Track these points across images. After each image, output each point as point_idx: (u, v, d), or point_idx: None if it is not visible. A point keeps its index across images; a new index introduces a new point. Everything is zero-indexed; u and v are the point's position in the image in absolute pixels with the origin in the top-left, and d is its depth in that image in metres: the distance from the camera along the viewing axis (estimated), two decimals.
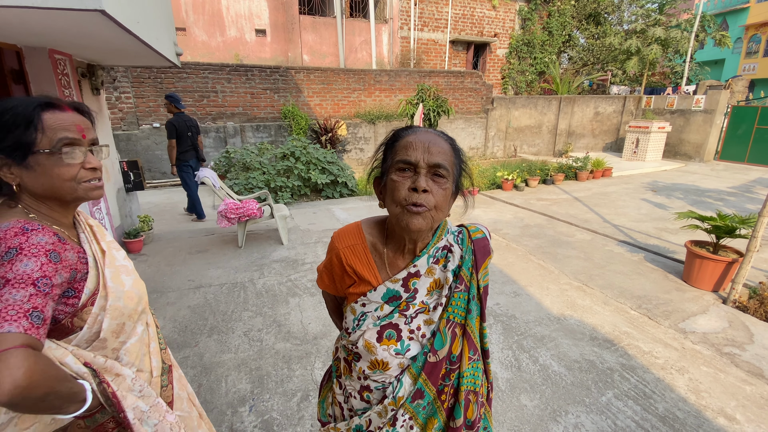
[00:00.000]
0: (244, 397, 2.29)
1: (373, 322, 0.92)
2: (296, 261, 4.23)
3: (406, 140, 0.87)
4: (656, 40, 13.38)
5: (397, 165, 0.85)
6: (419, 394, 0.92)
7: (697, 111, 11.49)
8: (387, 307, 0.92)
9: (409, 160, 0.83)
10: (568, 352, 2.73)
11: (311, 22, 11.95)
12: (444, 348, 0.92)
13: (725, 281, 3.59)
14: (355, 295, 0.95)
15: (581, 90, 15.75)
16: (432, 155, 0.83)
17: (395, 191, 0.84)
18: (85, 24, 2.33)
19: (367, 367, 0.94)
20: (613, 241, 4.98)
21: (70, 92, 3.52)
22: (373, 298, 0.93)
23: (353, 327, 0.94)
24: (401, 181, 0.84)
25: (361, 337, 0.92)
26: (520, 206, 6.66)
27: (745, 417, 2.18)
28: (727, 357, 2.71)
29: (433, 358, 0.91)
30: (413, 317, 0.93)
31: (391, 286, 0.92)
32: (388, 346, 0.91)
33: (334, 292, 1.04)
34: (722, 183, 8.74)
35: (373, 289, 0.93)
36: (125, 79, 7.50)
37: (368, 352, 0.92)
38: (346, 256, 0.95)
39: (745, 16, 22.19)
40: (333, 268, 0.98)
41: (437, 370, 0.92)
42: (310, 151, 7.10)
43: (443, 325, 0.92)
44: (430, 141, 0.85)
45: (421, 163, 0.83)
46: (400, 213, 0.84)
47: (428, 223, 0.84)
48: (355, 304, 0.94)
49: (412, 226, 0.83)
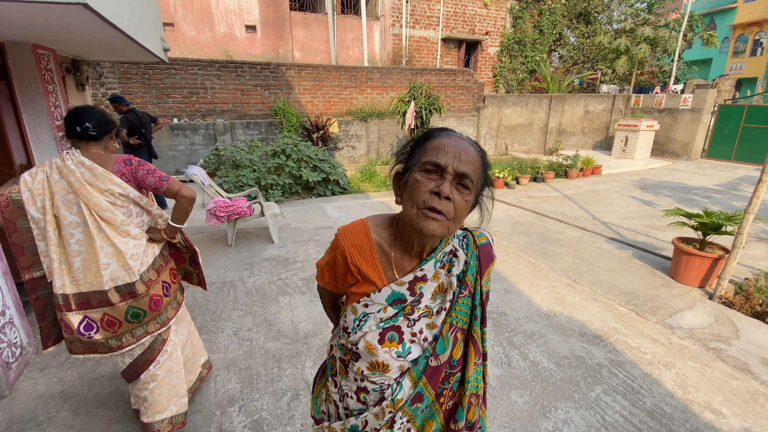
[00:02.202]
0: (234, 397, 2.27)
1: (376, 323, 0.90)
2: (287, 259, 4.20)
3: (438, 141, 0.84)
4: (645, 39, 13.53)
5: (425, 165, 0.82)
6: (419, 398, 0.91)
7: (684, 110, 11.65)
8: (391, 310, 0.90)
9: (438, 162, 0.80)
10: (558, 348, 2.75)
11: (302, 19, 11.86)
12: (446, 352, 0.91)
13: (711, 277, 3.65)
14: (357, 295, 0.92)
15: (571, 88, 15.88)
16: (462, 163, 0.81)
17: (415, 191, 0.81)
18: (68, 18, 2.28)
19: (366, 368, 0.92)
20: (602, 238, 5.03)
21: (54, 88, 3.44)
22: (377, 299, 0.91)
23: (353, 327, 0.92)
24: (424, 182, 0.81)
25: (362, 338, 0.91)
26: (511, 204, 6.69)
27: (731, 411, 2.22)
28: (713, 352, 2.75)
29: (435, 362, 0.90)
30: (416, 320, 0.91)
31: (397, 288, 0.90)
32: (390, 348, 0.90)
33: (334, 289, 1.01)
34: (709, 181, 8.88)
35: (377, 290, 0.90)
36: (112, 74, 7.37)
37: (369, 354, 0.90)
38: (351, 255, 0.92)
39: (732, 16, 22.56)
40: (336, 265, 0.95)
41: (438, 373, 0.91)
42: (302, 148, 7.05)
43: (446, 330, 0.91)
44: (462, 148, 0.82)
45: (449, 169, 0.80)
46: (415, 214, 0.81)
47: (444, 231, 0.82)
48: (357, 304, 0.92)
49: (425, 230, 0.80)
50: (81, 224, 1.66)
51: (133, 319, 1.75)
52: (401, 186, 0.89)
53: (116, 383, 2.36)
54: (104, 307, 1.70)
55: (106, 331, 1.73)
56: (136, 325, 1.77)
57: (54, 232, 1.65)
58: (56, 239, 1.66)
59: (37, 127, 3.30)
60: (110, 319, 1.72)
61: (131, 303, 1.73)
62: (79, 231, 1.67)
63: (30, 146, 3.29)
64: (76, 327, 1.69)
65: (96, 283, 1.68)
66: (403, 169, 0.90)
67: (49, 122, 3.32)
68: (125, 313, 1.72)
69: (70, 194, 1.64)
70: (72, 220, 1.66)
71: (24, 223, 1.66)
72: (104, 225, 1.67)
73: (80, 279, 1.68)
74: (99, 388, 2.33)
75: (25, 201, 1.62)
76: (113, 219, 1.68)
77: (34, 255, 1.69)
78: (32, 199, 1.63)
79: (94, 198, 1.64)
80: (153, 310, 1.80)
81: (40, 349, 2.66)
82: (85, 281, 1.68)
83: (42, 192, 1.63)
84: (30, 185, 1.63)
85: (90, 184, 1.64)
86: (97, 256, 1.66)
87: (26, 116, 3.23)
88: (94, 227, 1.66)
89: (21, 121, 3.21)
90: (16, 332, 2.45)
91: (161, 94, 7.93)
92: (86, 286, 1.68)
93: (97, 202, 1.65)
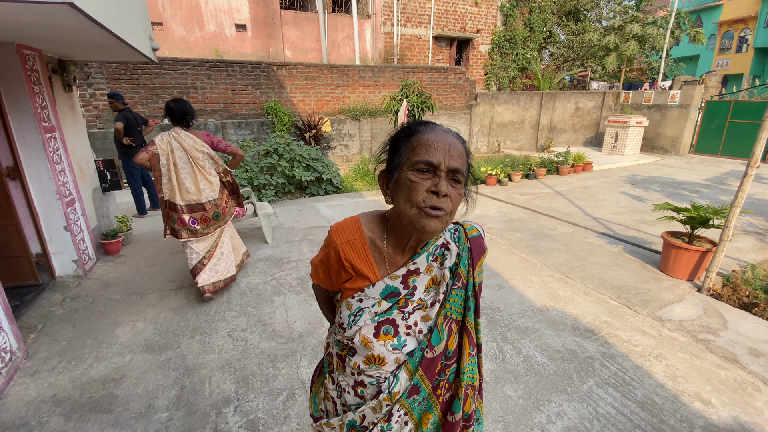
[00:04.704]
0: (229, 397, 2.26)
1: (371, 317, 0.91)
2: (281, 259, 4.19)
3: (424, 138, 0.83)
4: (633, 36, 13.67)
5: (417, 165, 0.82)
6: (415, 390, 0.92)
7: (672, 106, 11.80)
8: (385, 303, 0.91)
9: (431, 161, 0.81)
10: (551, 342, 2.78)
11: (293, 17, 11.80)
12: (441, 344, 0.92)
13: (700, 270, 3.71)
14: (351, 291, 0.93)
15: (562, 86, 16.00)
16: (453, 159, 0.82)
17: (413, 191, 0.82)
18: (54, 18, 2.25)
19: (363, 362, 0.93)
20: (593, 233, 5.08)
21: (40, 89, 3.39)
22: (371, 294, 0.91)
23: (349, 322, 0.92)
24: (420, 182, 0.81)
25: (357, 333, 0.91)
26: (503, 201, 6.73)
27: (720, 401, 2.26)
28: (702, 343, 2.80)
29: (430, 353, 0.91)
30: (410, 313, 0.92)
31: (390, 282, 0.91)
32: (385, 342, 0.91)
33: (329, 286, 1.02)
34: (697, 175, 9.01)
35: (371, 285, 0.91)
36: (100, 75, 7.27)
37: (365, 348, 0.91)
38: (344, 251, 0.93)
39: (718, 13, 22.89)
40: (330, 262, 0.96)
41: (434, 365, 0.92)
42: (294, 147, 7.02)
43: (440, 322, 0.92)
44: (450, 144, 0.83)
45: (442, 166, 0.81)
46: (416, 214, 0.82)
47: (443, 226, 0.83)
48: (352, 299, 0.93)
49: (429, 228, 0.81)
50: (187, 167, 3.10)
51: (215, 218, 3.27)
52: (391, 185, 0.89)
53: (109, 387, 2.35)
54: (201, 212, 3.19)
55: (202, 224, 3.21)
56: (215, 222, 3.28)
57: (173, 171, 3.05)
58: (175, 175, 3.06)
59: (23, 129, 3.25)
60: (204, 216, 3.21)
61: (214, 209, 3.25)
62: (186, 171, 3.09)
63: (16, 148, 3.24)
64: (188, 221, 3.15)
65: (197, 198, 3.15)
66: (389, 168, 0.90)
67: (36, 123, 3.27)
68: (212, 214, 3.24)
69: (180, 151, 3.06)
70: (183, 165, 3.08)
71: (158, 166, 3.03)
72: (198, 168, 3.13)
73: (187, 197, 3.12)
74: (91, 391, 2.31)
75: (160, 153, 3.01)
76: (203, 165, 3.15)
77: (163, 183, 3.08)
78: (161, 152, 3.01)
79: (194, 153, 3.10)
80: (224, 214, 3.34)
81: (31, 353, 2.64)
82: (190, 198, 3.13)
83: (166, 149, 3.02)
84: (160, 145, 3.00)
85: (193, 146, 3.09)
86: (198, 183, 3.13)
87: (12, 118, 3.18)
88: (195, 169, 3.11)
89: (7, 122, 3.16)
90: (5, 337, 2.41)
91: (151, 95, 7.85)
92: (192, 199, 3.14)
93: (196, 156, 3.11)
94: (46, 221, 3.49)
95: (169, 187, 3.07)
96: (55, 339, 2.81)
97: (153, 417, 2.13)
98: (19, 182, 3.36)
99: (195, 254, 3.25)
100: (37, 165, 3.35)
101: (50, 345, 2.74)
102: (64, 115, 3.90)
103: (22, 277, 3.50)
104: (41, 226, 3.49)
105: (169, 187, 3.07)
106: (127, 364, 2.55)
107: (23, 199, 3.41)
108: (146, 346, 2.74)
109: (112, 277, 3.78)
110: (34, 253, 3.55)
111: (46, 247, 3.55)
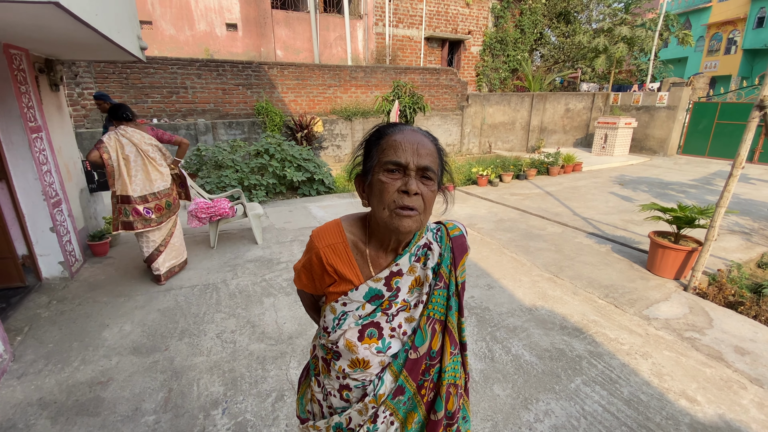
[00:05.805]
0: (217, 399, 2.25)
1: (355, 321, 0.91)
2: (271, 260, 4.17)
3: (392, 139, 0.84)
4: (622, 38, 13.83)
5: (386, 165, 0.83)
6: (400, 391, 0.92)
7: (660, 107, 11.96)
8: (369, 306, 0.91)
9: (399, 161, 0.82)
10: (539, 341, 2.81)
11: (284, 17, 11.76)
12: (425, 344, 0.92)
13: (686, 269, 3.77)
14: (335, 294, 0.93)
15: (553, 87, 16.13)
16: (421, 157, 0.83)
17: (384, 193, 0.82)
18: (40, 17, 2.22)
19: (348, 366, 0.93)
20: (582, 233, 5.14)
21: (27, 89, 3.34)
22: (354, 297, 0.91)
23: (333, 326, 0.92)
24: (390, 183, 0.82)
25: (341, 337, 0.91)
26: (494, 201, 6.78)
27: (706, 398, 2.30)
28: (688, 341, 2.84)
29: (414, 354, 0.91)
30: (395, 315, 0.92)
31: (374, 285, 0.91)
32: (370, 345, 0.90)
33: (313, 291, 1.01)
34: (684, 176, 9.15)
35: (354, 288, 0.91)
36: (88, 74, 7.18)
37: (349, 351, 0.91)
38: (326, 255, 0.92)
39: (707, 15, 23.24)
40: (312, 267, 0.96)
41: (418, 366, 0.92)
42: (285, 148, 6.99)
43: (424, 322, 0.92)
44: (418, 142, 0.84)
45: (411, 165, 0.82)
46: (389, 216, 0.83)
47: (417, 225, 0.84)
48: (336, 303, 0.93)
49: (402, 228, 0.82)
50: (138, 160, 3.29)
51: (167, 207, 3.51)
52: (365, 188, 0.90)
53: (95, 389, 2.32)
54: (155, 201, 3.40)
55: (156, 213, 3.42)
56: (167, 210, 3.53)
57: (124, 166, 3.24)
58: (125, 169, 3.25)
59: (8, 129, 3.20)
60: (158, 205, 3.43)
61: (167, 198, 3.50)
62: (138, 164, 3.30)
63: (2, 148, 3.19)
64: (142, 210, 3.34)
65: (149, 188, 3.36)
66: (363, 171, 0.91)
67: (22, 123, 3.22)
68: (164, 203, 3.48)
69: (130, 146, 3.24)
70: (134, 158, 3.27)
71: (110, 161, 3.19)
72: (149, 160, 3.34)
73: (138, 188, 3.31)
74: (78, 394, 2.28)
75: (110, 149, 3.17)
76: (154, 157, 3.37)
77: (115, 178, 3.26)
78: (111, 149, 3.18)
79: (144, 146, 3.31)
80: (173, 204, 3.59)
81: (17, 356, 2.60)
82: (143, 188, 3.33)
83: (115, 146, 3.20)
84: (108, 143, 3.17)
85: (142, 140, 3.30)
86: (150, 174, 3.35)
87: None
88: (146, 161, 3.33)
89: None
90: None
91: (140, 94, 7.76)
92: (144, 190, 3.34)
93: (146, 149, 3.32)
94: (32, 222, 3.45)
95: (120, 182, 3.25)
96: (41, 341, 2.77)
97: (140, 420, 2.11)
98: (5, 183, 3.31)
99: (151, 242, 3.49)
100: (23, 165, 3.30)
101: (37, 347, 2.70)
102: (50, 114, 3.85)
103: (8, 279, 3.45)
104: (27, 227, 3.44)
105: (121, 182, 3.25)
106: (114, 367, 2.52)
107: (9, 200, 3.36)
108: (133, 348, 2.71)
109: (99, 279, 3.73)
110: (20, 254, 3.50)
111: (33, 248, 3.50)
